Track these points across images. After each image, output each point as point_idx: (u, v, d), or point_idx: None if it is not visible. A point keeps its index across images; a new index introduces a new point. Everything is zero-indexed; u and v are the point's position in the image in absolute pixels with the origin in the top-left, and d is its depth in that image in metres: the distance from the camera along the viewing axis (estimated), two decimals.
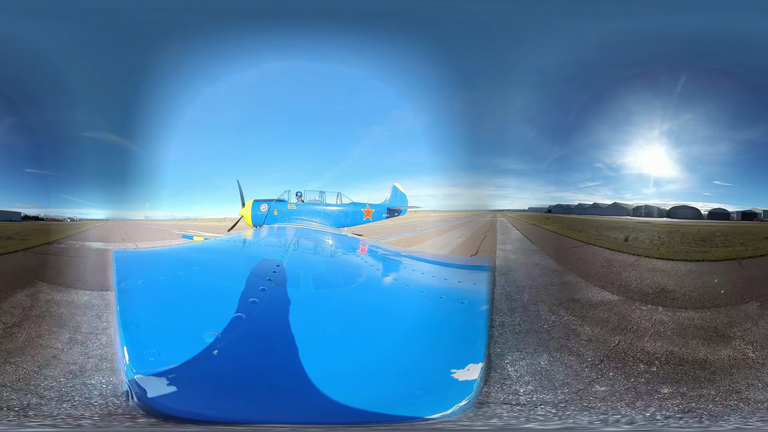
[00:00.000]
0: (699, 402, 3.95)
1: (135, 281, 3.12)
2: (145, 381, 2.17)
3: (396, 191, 11.50)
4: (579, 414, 3.68)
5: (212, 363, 2.32)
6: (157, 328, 2.60)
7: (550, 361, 4.53)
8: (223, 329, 2.51)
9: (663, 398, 3.97)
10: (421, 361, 2.69)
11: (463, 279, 4.42)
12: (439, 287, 4.00)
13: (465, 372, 2.55)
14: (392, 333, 2.96)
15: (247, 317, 2.67)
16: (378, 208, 11.16)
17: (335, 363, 2.55)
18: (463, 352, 2.76)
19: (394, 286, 4.11)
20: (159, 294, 3.04)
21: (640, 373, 4.40)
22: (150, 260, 4.19)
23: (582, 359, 4.62)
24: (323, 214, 10.56)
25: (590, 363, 4.56)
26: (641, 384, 4.21)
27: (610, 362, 4.60)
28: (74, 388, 3.99)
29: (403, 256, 5.78)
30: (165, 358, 2.28)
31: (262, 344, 2.61)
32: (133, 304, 2.76)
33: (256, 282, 3.32)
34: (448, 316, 3.20)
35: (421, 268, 4.90)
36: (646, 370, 4.47)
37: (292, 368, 2.36)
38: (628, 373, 4.39)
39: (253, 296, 2.93)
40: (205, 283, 3.51)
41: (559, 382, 4.15)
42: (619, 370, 4.45)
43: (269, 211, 10.30)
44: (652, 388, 4.12)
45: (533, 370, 4.34)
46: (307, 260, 5.02)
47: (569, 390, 4.05)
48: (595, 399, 3.93)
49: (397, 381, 2.51)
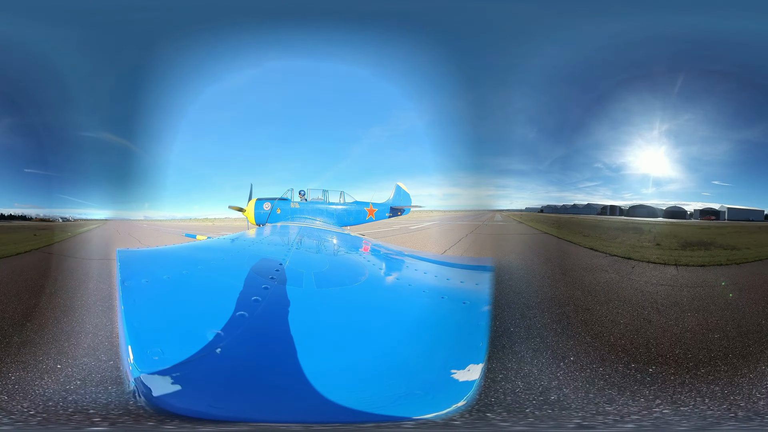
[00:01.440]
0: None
1: (139, 280, 3.14)
2: (150, 380, 2.19)
3: (399, 190, 11.51)
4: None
5: (215, 361, 2.34)
6: (160, 326, 2.62)
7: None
8: (226, 327, 2.53)
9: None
10: (421, 360, 2.70)
11: (466, 279, 4.42)
12: (441, 287, 4.01)
13: (465, 372, 2.56)
14: (394, 332, 2.97)
15: (249, 315, 2.68)
16: (381, 207, 11.17)
17: (337, 361, 2.56)
18: (464, 353, 2.76)
19: (397, 286, 4.13)
20: (162, 293, 3.06)
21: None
22: (153, 259, 4.21)
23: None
24: (326, 212, 10.58)
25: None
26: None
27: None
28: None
29: (406, 256, 5.79)
30: (169, 356, 2.30)
31: (264, 342, 2.62)
32: (137, 303, 2.78)
33: (258, 280, 3.34)
34: (449, 316, 3.21)
35: (424, 268, 4.91)
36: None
37: (294, 366, 2.37)
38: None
39: (256, 294, 2.95)
40: (208, 281, 3.53)
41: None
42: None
43: (272, 210, 10.32)
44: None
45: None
46: (310, 259, 5.03)
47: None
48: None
49: (398, 380, 2.52)
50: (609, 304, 6.56)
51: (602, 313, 6.21)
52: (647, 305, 6.55)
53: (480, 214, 14.04)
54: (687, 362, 4.76)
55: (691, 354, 4.95)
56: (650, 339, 5.38)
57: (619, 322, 5.90)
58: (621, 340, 5.38)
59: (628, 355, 4.94)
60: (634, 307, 6.48)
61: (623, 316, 6.11)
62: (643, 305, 6.56)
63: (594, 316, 6.13)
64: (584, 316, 6.10)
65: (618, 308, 6.42)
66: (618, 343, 5.30)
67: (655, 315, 6.20)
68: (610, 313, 6.22)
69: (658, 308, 6.41)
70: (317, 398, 2.27)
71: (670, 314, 6.18)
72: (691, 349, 5.08)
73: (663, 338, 5.43)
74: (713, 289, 7.10)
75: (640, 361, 4.77)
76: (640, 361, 4.77)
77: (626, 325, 5.84)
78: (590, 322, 5.90)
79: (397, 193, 11.48)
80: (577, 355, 4.88)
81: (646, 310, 6.38)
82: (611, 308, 6.41)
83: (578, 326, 5.77)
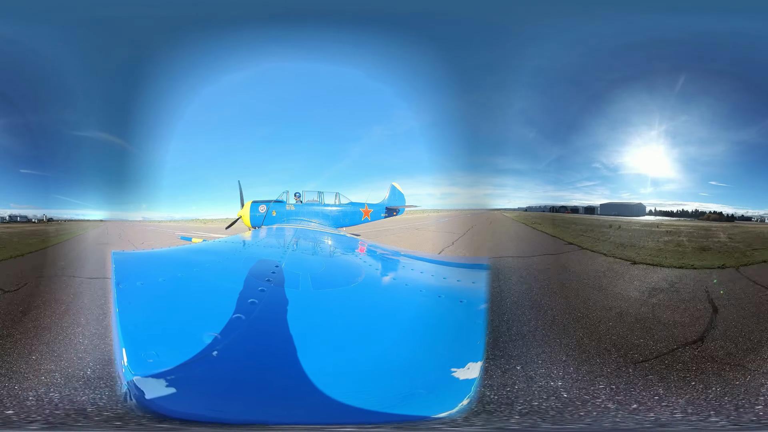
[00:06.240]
0: None
1: (134, 282, 3.11)
2: (144, 382, 2.17)
3: (394, 190, 11.53)
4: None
5: (211, 364, 2.32)
6: (155, 329, 2.59)
7: None
8: (222, 330, 2.51)
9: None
10: (421, 360, 2.69)
11: (462, 278, 4.42)
12: (438, 286, 4.00)
13: (465, 371, 2.55)
14: (391, 332, 2.97)
15: (246, 318, 2.66)
16: (376, 208, 11.18)
17: (335, 363, 2.55)
18: (463, 351, 2.76)
19: (393, 286, 4.11)
20: (158, 295, 3.03)
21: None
22: (149, 261, 4.18)
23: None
24: (322, 214, 10.57)
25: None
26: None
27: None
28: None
29: (402, 256, 5.78)
30: (164, 359, 2.28)
31: (261, 345, 2.61)
32: (132, 305, 2.75)
33: (255, 283, 3.32)
34: (447, 314, 3.20)
35: (420, 267, 4.90)
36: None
37: (292, 369, 2.36)
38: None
39: (252, 297, 2.92)
40: (203, 284, 3.50)
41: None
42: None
43: (268, 212, 10.30)
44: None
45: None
46: (306, 260, 5.01)
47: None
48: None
49: (398, 380, 2.51)
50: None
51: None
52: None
53: (478, 214, 14.04)
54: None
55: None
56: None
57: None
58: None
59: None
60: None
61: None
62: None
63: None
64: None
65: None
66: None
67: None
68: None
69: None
70: (316, 400, 2.26)
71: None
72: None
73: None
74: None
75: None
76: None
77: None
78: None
79: (392, 193, 11.49)
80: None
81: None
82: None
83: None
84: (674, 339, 5.33)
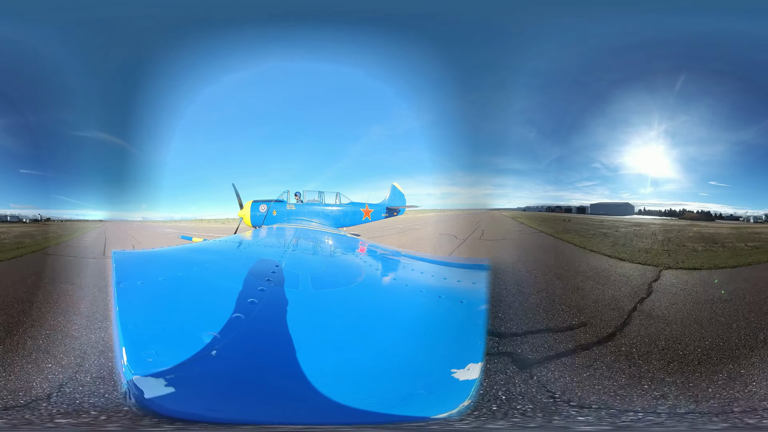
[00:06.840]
0: None
1: (134, 282, 3.10)
2: (143, 382, 2.16)
3: (395, 190, 11.51)
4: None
5: (211, 363, 2.31)
6: (155, 328, 2.59)
7: None
8: (221, 329, 2.51)
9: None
10: (421, 360, 2.68)
11: (462, 278, 4.41)
12: (438, 287, 4.00)
13: (465, 372, 2.55)
14: (391, 332, 2.96)
15: (245, 317, 2.66)
16: (377, 208, 11.16)
17: (335, 363, 2.54)
18: (463, 352, 2.75)
19: (393, 286, 4.11)
20: (158, 294, 3.03)
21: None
22: (149, 261, 4.17)
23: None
24: (322, 214, 10.55)
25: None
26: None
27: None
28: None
29: (402, 256, 5.77)
30: (163, 358, 2.27)
31: (260, 344, 2.60)
32: (132, 304, 2.75)
33: (254, 282, 3.31)
34: (447, 315, 3.20)
35: (420, 268, 4.90)
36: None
37: (292, 368, 2.35)
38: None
39: (252, 296, 2.92)
40: (203, 283, 3.49)
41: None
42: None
43: (268, 212, 10.29)
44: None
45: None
46: (306, 260, 5.01)
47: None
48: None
49: (398, 381, 2.50)
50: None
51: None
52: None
53: (477, 214, 14.02)
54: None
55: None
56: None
57: None
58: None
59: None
60: None
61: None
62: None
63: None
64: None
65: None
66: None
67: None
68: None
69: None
70: (315, 400, 2.25)
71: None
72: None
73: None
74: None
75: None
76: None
77: None
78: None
79: (393, 193, 11.48)
80: None
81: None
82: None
83: None
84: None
